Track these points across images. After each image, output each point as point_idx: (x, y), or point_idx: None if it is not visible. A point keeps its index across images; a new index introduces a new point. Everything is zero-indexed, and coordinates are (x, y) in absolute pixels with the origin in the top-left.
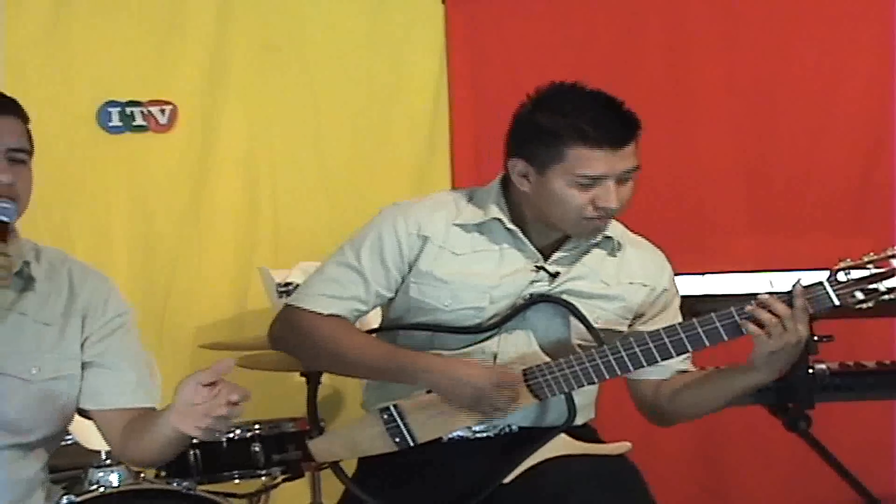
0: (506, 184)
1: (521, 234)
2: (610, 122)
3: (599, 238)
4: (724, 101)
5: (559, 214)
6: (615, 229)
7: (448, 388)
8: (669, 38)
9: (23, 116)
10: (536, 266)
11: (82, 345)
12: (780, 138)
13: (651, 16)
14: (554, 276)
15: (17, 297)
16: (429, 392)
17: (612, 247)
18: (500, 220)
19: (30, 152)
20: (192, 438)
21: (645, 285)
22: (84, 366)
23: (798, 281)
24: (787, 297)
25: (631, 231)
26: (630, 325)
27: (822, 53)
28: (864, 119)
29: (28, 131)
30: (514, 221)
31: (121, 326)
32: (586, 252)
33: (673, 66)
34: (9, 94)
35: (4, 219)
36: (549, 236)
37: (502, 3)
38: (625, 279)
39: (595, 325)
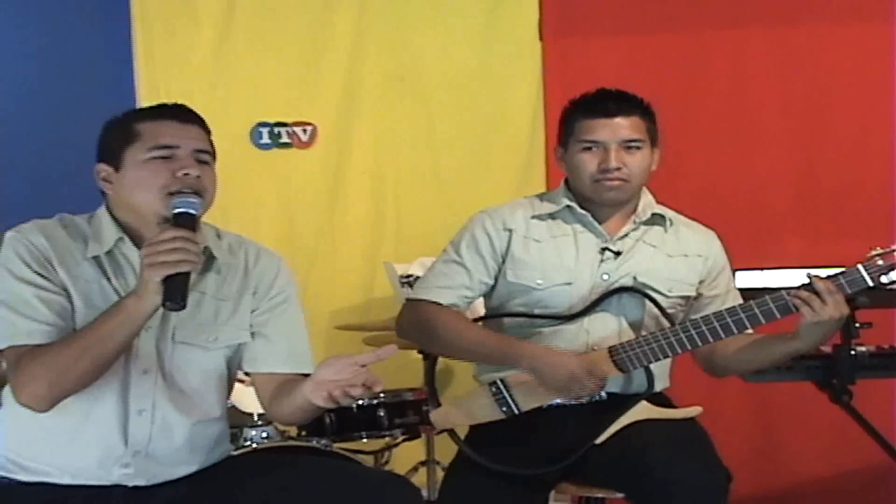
0: (569, 182)
1: (590, 218)
2: (605, 99)
3: (649, 214)
4: (777, 125)
5: (580, 182)
6: (668, 212)
7: (546, 373)
8: (732, 70)
9: (205, 126)
10: (603, 247)
11: (252, 309)
12: (825, 157)
13: (717, 49)
14: (617, 254)
15: (199, 278)
16: None
17: (666, 224)
18: (570, 206)
19: (212, 155)
20: (321, 408)
21: (700, 255)
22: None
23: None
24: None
25: (680, 214)
26: (698, 290)
27: (862, 85)
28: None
29: (210, 140)
30: (582, 207)
31: (283, 302)
32: (646, 231)
33: (734, 94)
34: None
35: (192, 212)
36: (610, 214)
37: (590, 41)
38: (683, 251)
39: (670, 296)
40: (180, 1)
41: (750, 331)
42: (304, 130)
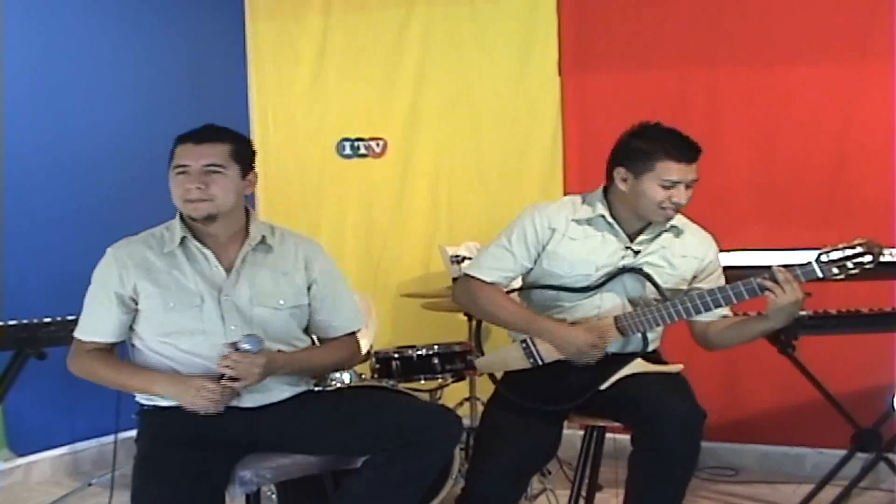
0: (606, 190)
1: (616, 226)
2: (686, 147)
3: (668, 225)
4: (742, 140)
5: (645, 206)
6: (679, 220)
7: (560, 345)
8: (706, 97)
9: (222, 140)
10: (626, 247)
11: (308, 284)
12: (778, 162)
13: (695, 81)
14: (637, 252)
15: (264, 258)
16: None
17: (677, 232)
18: (603, 215)
19: (224, 165)
20: None
21: (696, 257)
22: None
23: (798, 266)
24: (783, 272)
25: (689, 220)
26: (689, 284)
27: (806, 108)
28: (834, 150)
29: (230, 150)
30: (612, 216)
31: (328, 272)
32: (659, 236)
33: (708, 117)
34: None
35: (252, 348)
36: (635, 225)
37: (597, 76)
38: (684, 254)
39: (664, 286)
40: (285, 44)
41: (725, 310)
42: (378, 144)
